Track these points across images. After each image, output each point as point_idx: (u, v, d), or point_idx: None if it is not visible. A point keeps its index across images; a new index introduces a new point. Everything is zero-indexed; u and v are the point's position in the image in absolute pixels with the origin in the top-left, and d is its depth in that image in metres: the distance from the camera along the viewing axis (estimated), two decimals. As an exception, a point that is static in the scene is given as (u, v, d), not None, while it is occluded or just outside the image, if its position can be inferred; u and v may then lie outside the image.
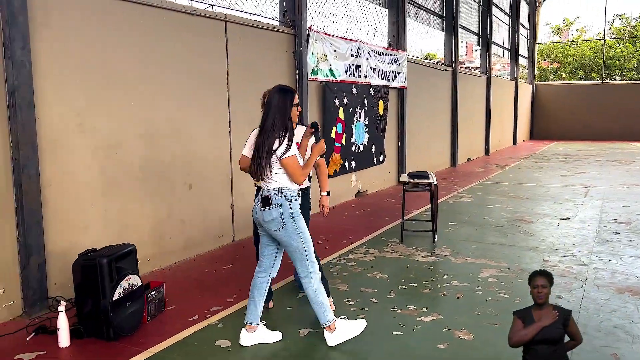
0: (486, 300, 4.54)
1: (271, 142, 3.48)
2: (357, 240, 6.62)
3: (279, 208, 3.55)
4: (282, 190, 3.56)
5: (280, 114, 3.52)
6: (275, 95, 3.57)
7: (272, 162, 3.51)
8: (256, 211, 3.66)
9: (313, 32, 7.92)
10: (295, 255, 3.65)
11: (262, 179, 3.57)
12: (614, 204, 8.65)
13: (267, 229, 3.65)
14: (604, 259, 5.65)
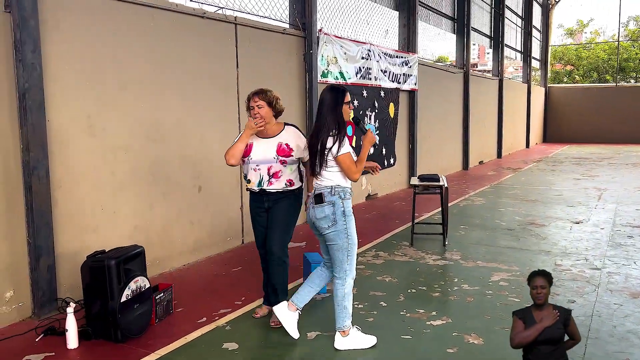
0: (497, 304, 4.48)
1: (326, 140, 3.55)
2: (367, 243, 6.58)
3: (331, 206, 3.58)
4: (335, 189, 3.60)
5: (333, 112, 3.59)
6: (327, 95, 3.64)
7: (327, 160, 3.55)
8: (309, 210, 3.75)
9: (323, 34, 7.91)
10: (337, 254, 3.65)
11: (317, 177, 3.66)
12: (629, 208, 8.53)
13: (318, 228, 3.67)
14: (618, 263, 5.56)
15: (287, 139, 4.01)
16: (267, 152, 3.98)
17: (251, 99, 4.01)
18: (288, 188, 4.04)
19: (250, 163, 4.02)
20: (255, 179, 4.03)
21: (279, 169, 3.98)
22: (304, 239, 6.88)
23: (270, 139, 4.02)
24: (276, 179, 3.99)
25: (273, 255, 4.03)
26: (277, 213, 4.05)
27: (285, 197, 4.04)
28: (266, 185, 4.00)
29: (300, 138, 4.09)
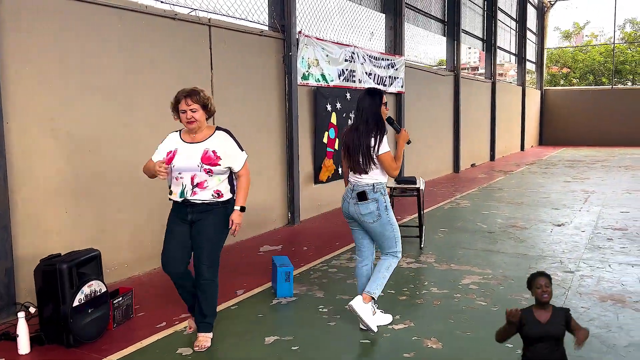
0: (463, 307, 4.42)
1: (369, 141, 3.78)
2: (343, 246, 6.52)
3: (375, 202, 3.84)
4: (376, 186, 3.86)
5: (374, 114, 3.83)
6: (366, 98, 3.88)
7: (372, 159, 3.79)
8: (349, 206, 3.94)
9: (303, 36, 7.87)
10: (386, 242, 3.97)
11: (360, 175, 3.86)
12: (613, 210, 8.46)
13: (362, 222, 3.92)
14: (592, 266, 5.49)
15: (215, 145, 3.58)
16: (190, 159, 3.54)
17: (182, 101, 3.55)
18: (216, 200, 3.59)
19: (173, 171, 3.57)
20: (178, 189, 3.59)
21: (204, 179, 3.54)
22: (280, 242, 6.83)
23: (197, 145, 3.59)
24: (201, 189, 3.55)
25: (203, 277, 3.62)
26: (204, 229, 3.59)
27: (213, 211, 3.60)
28: (189, 195, 3.55)
29: (231, 145, 3.65)
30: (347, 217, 4.06)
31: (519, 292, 4.73)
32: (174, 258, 3.65)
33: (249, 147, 7.05)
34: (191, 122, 3.55)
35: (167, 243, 3.68)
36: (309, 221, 8.12)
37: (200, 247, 3.61)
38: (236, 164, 3.68)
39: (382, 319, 4.04)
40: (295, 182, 7.74)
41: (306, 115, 8.20)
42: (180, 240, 3.64)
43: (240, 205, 3.73)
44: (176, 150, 3.61)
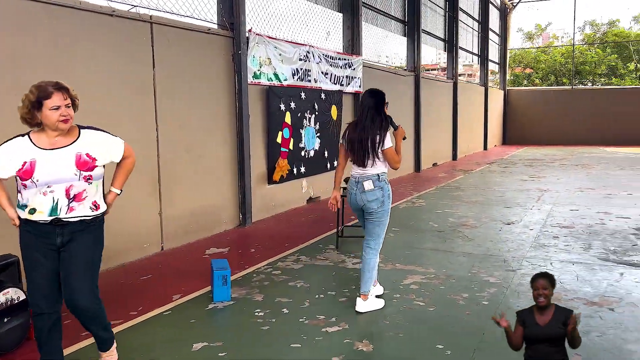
0: (400, 308, 4.38)
1: (374, 137, 4.15)
2: (292, 248, 6.43)
3: (380, 190, 4.23)
4: (381, 176, 4.24)
5: (378, 113, 4.22)
6: (370, 98, 4.25)
7: (378, 153, 4.18)
8: (356, 196, 4.27)
9: (254, 35, 7.76)
10: (379, 229, 4.31)
11: (365, 167, 4.21)
12: (563, 208, 8.58)
13: (367, 208, 4.25)
14: (535, 264, 5.53)
15: (87, 146, 3.01)
16: (61, 168, 2.93)
17: (53, 95, 2.90)
18: (93, 213, 3.06)
19: (38, 186, 2.90)
20: (47, 206, 2.92)
21: (83, 189, 2.99)
22: (228, 244, 6.71)
23: (64, 150, 2.96)
24: (79, 202, 2.98)
25: (83, 309, 3.07)
26: (79, 252, 3.01)
27: (87, 228, 3.04)
28: (65, 212, 2.95)
29: (102, 139, 3.13)
30: (355, 209, 4.39)
31: (459, 292, 4.72)
32: (48, 297, 3.03)
33: (196, 147, 6.97)
34: (66, 120, 2.93)
35: (35, 277, 3.00)
36: (261, 222, 8.01)
37: (78, 275, 3.01)
38: (116, 153, 3.19)
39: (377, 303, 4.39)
40: (246, 183, 7.62)
41: (259, 115, 8.08)
42: (51, 271, 3.01)
43: (119, 188, 3.29)
44: (34, 161, 2.91)
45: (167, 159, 6.38)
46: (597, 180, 12.01)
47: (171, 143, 6.44)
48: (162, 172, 6.29)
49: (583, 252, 5.91)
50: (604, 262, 5.50)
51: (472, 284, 4.93)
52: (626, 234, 6.72)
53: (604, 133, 24.26)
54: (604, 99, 24.65)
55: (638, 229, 6.94)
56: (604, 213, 8.09)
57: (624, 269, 5.24)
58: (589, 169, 14.60)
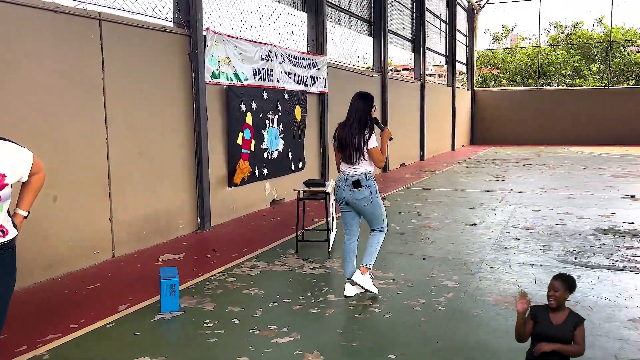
0: (355, 316, 4.25)
1: (360, 137, 4.46)
2: (250, 252, 6.25)
3: (368, 188, 4.56)
4: (367, 174, 4.57)
5: (366, 115, 4.52)
6: (360, 101, 4.56)
7: (364, 153, 4.47)
8: (344, 192, 4.60)
9: (213, 33, 7.54)
10: (375, 220, 4.72)
11: (352, 165, 4.54)
12: (526, 209, 8.61)
13: (357, 205, 4.61)
14: (493, 267, 5.47)
15: None
16: None
17: None
18: (1, 241, 2.67)
19: None
20: None
21: None
22: (184, 250, 6.48)
23: None
24: None
25: None
26: None
27: None
28: None
29: (11, 151, 2.73)
30: (341, 202, 4.71)
31: (416, 298, 4.62)
32: None
33: (150, 149, 6.72)
34: None
35: None
36: (221, 226, 7.79)
37: None
38: (24, 168, 2.79)
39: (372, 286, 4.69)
40: (205, 186, 7.40)
41: (218, 115, 7.87)
42: None
43: (27, 209, 2.89)
44: None
45: (119, 161, 6.12)
46: (560, 180, 12.15)
47: (123, 145, 6.18)
48: (112, 175, 6.02)
49: (542, 254, 5.89)
50: (562, 264, 5.48)
51: (429, 289, 4.84)
52: (585, 234, 6.75)
53: (569, 133, 24.72)
54: (569, 100, 25.11)
55: (597, 230, 6.98)
56: (565, 213, 8.14)
57: (582, 271, 5.22)
58: (553, 169, 14.79)
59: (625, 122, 23.83)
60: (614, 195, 9.81)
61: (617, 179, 12.08)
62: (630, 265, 5.39)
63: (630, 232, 6.83)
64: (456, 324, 4.05)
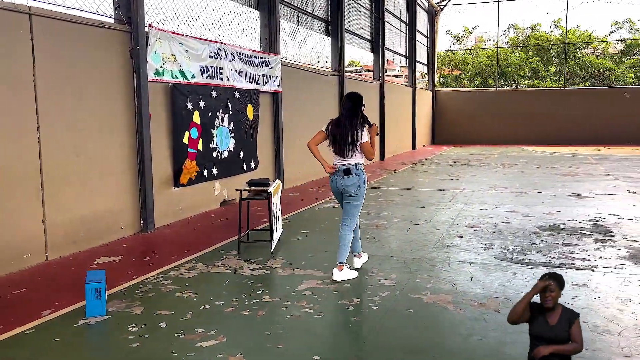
0: (286, 317, 4.18)
1: (353, 133, 4.98)
2: (191, 254, 6.11)
3: (357, 176, 5.05)
4: (358, 165, 5.08)
5: (357, 113, 5.06)
6: (349, 101, 5.09)
7: (356, 146, 5.00)
8: (336, 182, 5.12)
9: (156, 30, 7.36)
10: (354, 210, 5.15)
11: (344, 158, 5.04)
12: (474, 207, 8.70)
13: (346, 191, 5.10)
14: (433, 265, 5.49)
15: None
16: None
17: None
18: None
19: None
20: None
21: None
22: (123, 252, 6.29)
23: None
24: None
25: None
26: None
27: None
28: None
29: None
30: (335, 193, 5.23)
31: (351, 297, 4.58)
32: None
33: (88, 148, 6.49)
34: None
35: None
36: (166, 227, 7.62)
37: None
38: None
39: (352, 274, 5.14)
40: (147, 186, 7.21)
41: (162, 114, 7.69)
42: None
43: None
44: None
45: (52, 162, 5.89)
46: (512, 179, 12.36)
47: (57, 145, 5.96)
48: (45, 176, 5.80)
49: (482, 252, 5.94)
50: (500, 262, 5.54)
51: (366, 288, 4.81)
52: (528, 232, 6.85)
53: (527, 133, 25.27)
54: (526, 100, 25.67)
55: (539, 227, 7.09)
56: (512, 212, 8.26)
57: (518, 269, 5.28)
58: (507, 167, 15.05)
59: (580, 122, 24.51)
60: (561, 193, 10.03)
61: (566, 178, 12.37)
62: (566, 262, 5.48)
63: (571, 229, 6.96)
64: (387, 323, 4.02)
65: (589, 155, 18.36)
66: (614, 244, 6.15)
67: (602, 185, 10.92)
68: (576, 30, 29.97)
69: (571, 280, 4.88)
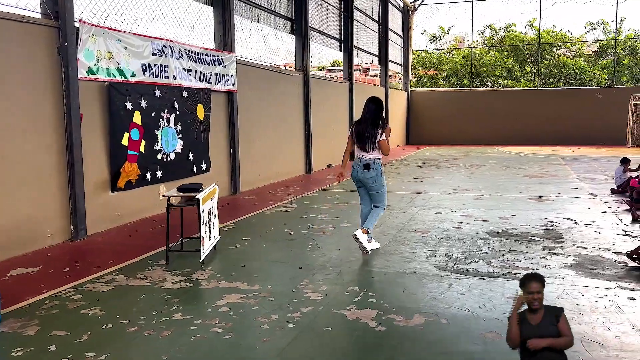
0: (191, 339, 3.81)
1: (373, 132, 5.79)
2: (116, 265, 5.71)
3: (375, 170, 5.89)
4: (376, 160, 5.90)
5: (379, 115, 5.89)
6: (372, 104, 5.92)
7: (376, 143, 5.81)
8: (358, 172, 5.98)
9: (89, 25, 6.94)
10: (379, 196, 6.02)
11: (366, 152, 5.88)
12: (429, 211, 8.42)
13: (366, 182, 5.97)
14: (367, 277, 5.18)
15: None
16: None
17: None
18: None
19: None
20: None
21: None
22: (43, 263, 5.86)
23: None
24: None
25: None
26: None
27: None
28: None
29: None
30: (356, 181, 6.07)
31: (270, 314, 4.24)
32: None
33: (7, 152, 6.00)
34: None
35: None
36: (101, 234, 7.20)
37: None
38: None
39: (374, 245, 6.01)
40: (78, 191, 6.79)
41: (97, 115, 7.26)
42: None
43: None
44: None
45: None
46: (476, 181, 12.12)
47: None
48: (-48, 181, 5.36)
49: (424, 261, 5.63)
50: (439, 272, 5.23)
51: (289, 303, 4.47)
52: (476, 238, 6.57)
53: (501, 133, 25.19)
54: (500, 100, 25.60)
55: (490, 233, 6.82)
56: (466, 216, 7.98)
57: (455, 280, 4.98)
58: (475, 169, 14.84)
59: (553, 122, 24.47)
60: (521, 196, 9.80)
61: (531, 180, 12.18)
62: (507, 271, 5.20)
63: (522, 235, 6.70)
64: (296, 344, 3.68)
65: (559, 156, 18.26)
66: (562, 251, 5.89)
67: (565, 188, 10.72)
68: (551, 30, 30.01)
69: (507, 292, 4.59)
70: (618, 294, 4.45)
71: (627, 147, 22.18)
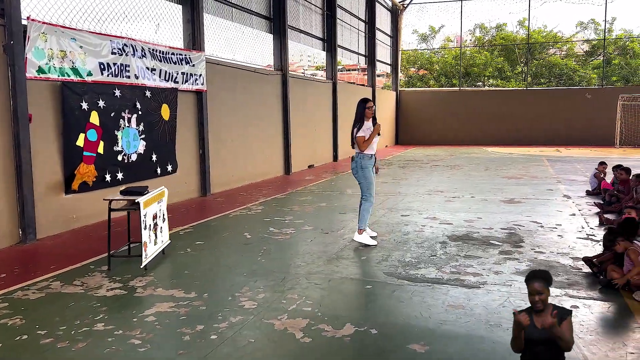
0: (104, 351, 3.61)
1: (353, 130, 6.40)
2: (57, 270, 5.51)
3: (355, 162, 6.47)
4: (358, 154, 6.44)
5: (358, 114, 6.39)
6: (358, 103, 6.44)
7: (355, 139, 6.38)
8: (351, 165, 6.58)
9: (39, 23, 6.73)
10: (361, 187, 6.50)
11: (354, 148, 6.47)
12: (396, 214, 8.23)
13: (353, 174, 6.57)
14: (311, 282, 4.97)
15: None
16: None
17: None
18: None
19: None
20: None
21: None
22: None
23: None
24: None
25: None
26: None
27: None
28: None
29: None
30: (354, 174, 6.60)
31: (195, 324, 4.03)
32: None
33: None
34: None
35: None
36: (53, 238, 6.99)
37: None
38: None
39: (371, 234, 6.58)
40: (27, 193, 6.59)
41: (49, 115, 7.06)
42: None
43: None
44: None
45: None
46: (453, 182, 11.93)
47: None
48: None
49: (374, 266, 5.45)
50: (385, 278, 5.04)
51: (221, 312, 4.27)
52: (435, 242, 6.38)
53: (490, 133, 25.02)
54: (490, 100, 25.42)
55: (450, 237, 6.64)
56: (431, 219, 7.79)
57: (399, 287, 4.78)
58: (456, 170, 14.65)
59: (542, 122, 24.30)
60: (494, 198, 9.61)
61: (510, 181, 11.99)
62: (455, 277, 5.00)
63: (482, 238, 6.52)
64: (214, 356, 3.49)
65: (544, 157, 18.08)
66: (518, 256, 5.70)
67: (541, 189, 10.54)
68: (542, 30, 29.84)
69: (449, 300, 4.40)
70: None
71: (615, 148, 22.02)
